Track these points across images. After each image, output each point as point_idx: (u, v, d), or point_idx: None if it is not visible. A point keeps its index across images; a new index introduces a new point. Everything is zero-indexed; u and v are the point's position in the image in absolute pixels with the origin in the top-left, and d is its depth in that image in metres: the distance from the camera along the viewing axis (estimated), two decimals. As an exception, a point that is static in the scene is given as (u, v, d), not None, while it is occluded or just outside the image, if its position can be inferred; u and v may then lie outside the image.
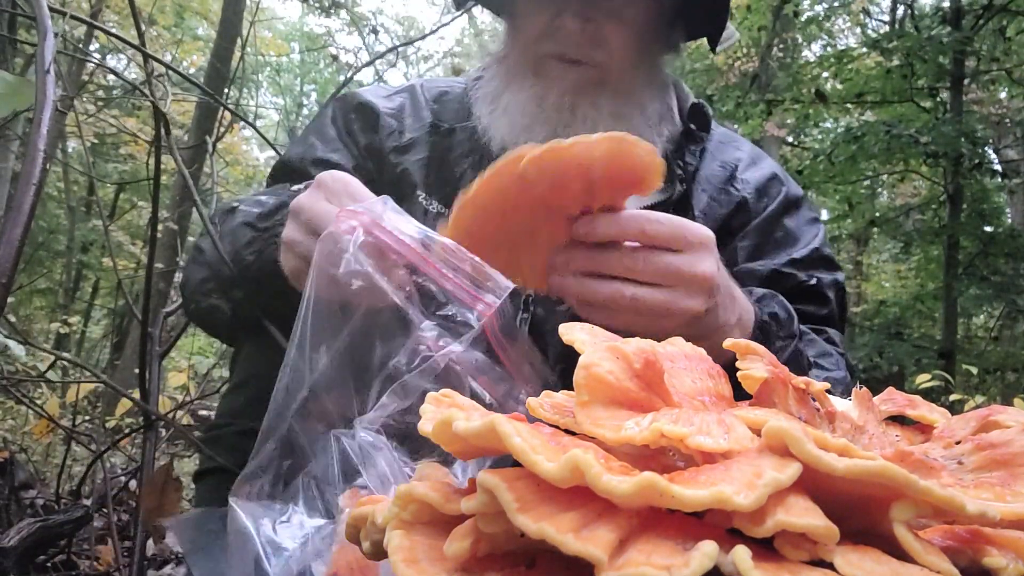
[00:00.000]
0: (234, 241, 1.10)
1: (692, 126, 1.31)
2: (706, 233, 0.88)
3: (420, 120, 1.31)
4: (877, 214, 9.88)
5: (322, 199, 0.92)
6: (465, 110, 1.30)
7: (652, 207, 1.20)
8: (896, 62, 7.63)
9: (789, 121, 10.28)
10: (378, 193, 0.88)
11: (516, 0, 1.25)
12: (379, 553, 0.50)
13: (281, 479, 0.78)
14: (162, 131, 1.41)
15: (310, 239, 0.90)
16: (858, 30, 12.12)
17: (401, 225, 0.79)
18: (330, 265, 0.77)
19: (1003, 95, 9.23)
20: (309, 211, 0.91)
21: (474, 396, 0.76)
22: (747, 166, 1.33)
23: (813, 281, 1.25)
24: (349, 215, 0.79)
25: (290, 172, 1.30)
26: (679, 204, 1.25)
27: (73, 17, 1.41)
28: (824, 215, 12.91)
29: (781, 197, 1.31)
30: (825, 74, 8.50)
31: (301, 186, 1.07)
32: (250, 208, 1.13)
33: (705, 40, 1.34)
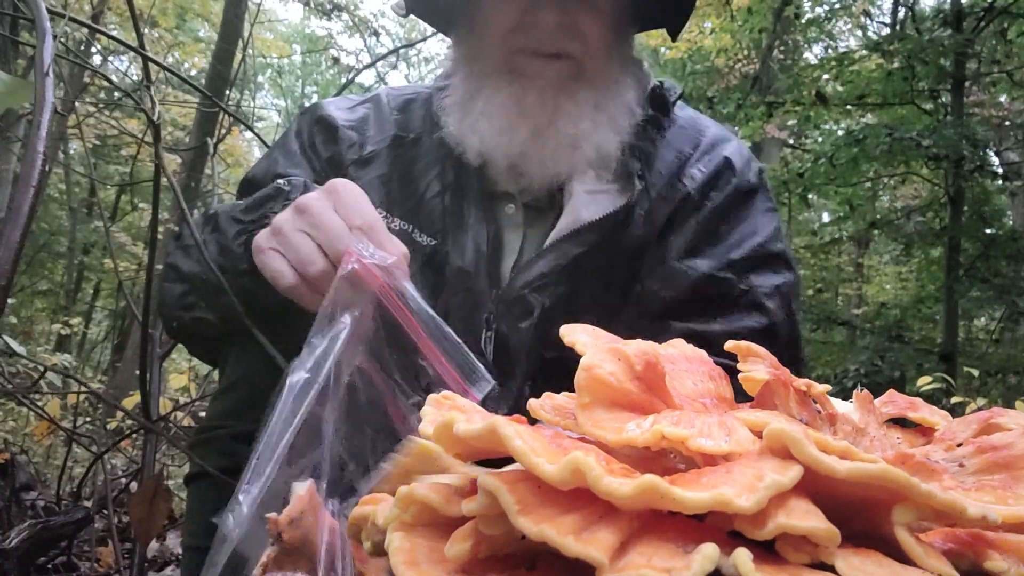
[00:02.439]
0: (221, 238, 1.08)
1: (651, 111, 1.25)
2: None
3: (383, 132, 1.28)
4: (878, 216, 9.88)
5: (331, 208, 0.91)
6: (431, 118, 1.26)
7: (613, 213, 1.16)
8: (897, 64, 7.62)
9: (790, 123, 10.28)
10: None
11: None
12: (380, 554, 0.50)
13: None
14: (145, 128, 1.41)
15: (301, 236, 0.90)
16: (859, 32, 12.13)
17: (409, 298, 0.83)
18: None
19: (1003, 98, 9.23)
20: (317, 216, 0.90)
21: None
22: (702, 154, 1.26)
23: (746, 288, 1.17)
24: (365, 270, 0.82)
25: (255, 188, 1.25)
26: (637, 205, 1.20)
27: (72, 19, 1.41)
28: (825, 217, 12.92)
29: (730, 188, 1.23)
30: (826, 76, 8.50)
31: (283, 182, 1.06)
32: (230, 210, 1.12)
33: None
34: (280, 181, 1.07)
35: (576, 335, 0.58)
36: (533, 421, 0.50)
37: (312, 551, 0.57)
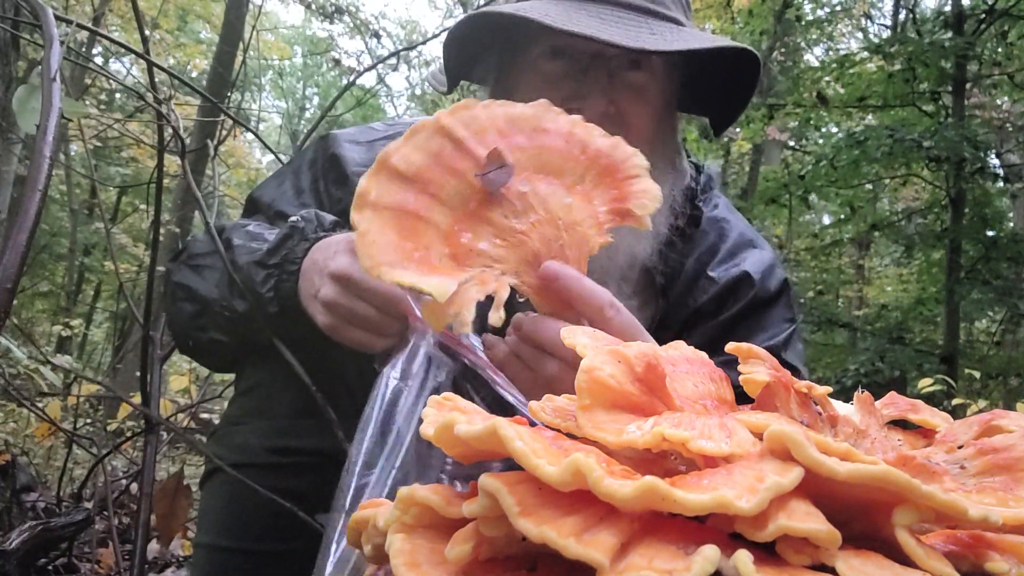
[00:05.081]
0: (246, 280, 1.09)
1: (680, 222, 1.21)
2: None
3: None
4: (879, 218, 9.87)
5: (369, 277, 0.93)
6: None
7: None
8: (898, 66, 7.62)
9: (791, 125, 10.28)
10: None
11: (521, 76, 1.15)
12: (380, 556, 0.50)
13: None
14: (170, 138, 1.41)
15: (358, 303, 0.93)
16: (859, 34, 12.13)
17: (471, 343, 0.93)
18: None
19: (1004, 100, 9.22)
20: (361, 284, 0.92)
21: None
22: (718, 264, 1.23)
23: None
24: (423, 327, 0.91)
25: (260, 210, 1.26)
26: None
27: (79, 26, 1.41)
28: (826, 219, 12.91)
29: (745, 302, 1.20)
30: (827, 78, 8.50)
31: (297, 219, 1.06)
32: (247, 243, 1.11)
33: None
34: (294, 218, 1.07)
35: (576, 337, 0.58)
36: (534, 424, 0.50)
37: None
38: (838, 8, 10.26)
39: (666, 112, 1.19)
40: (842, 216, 9.85)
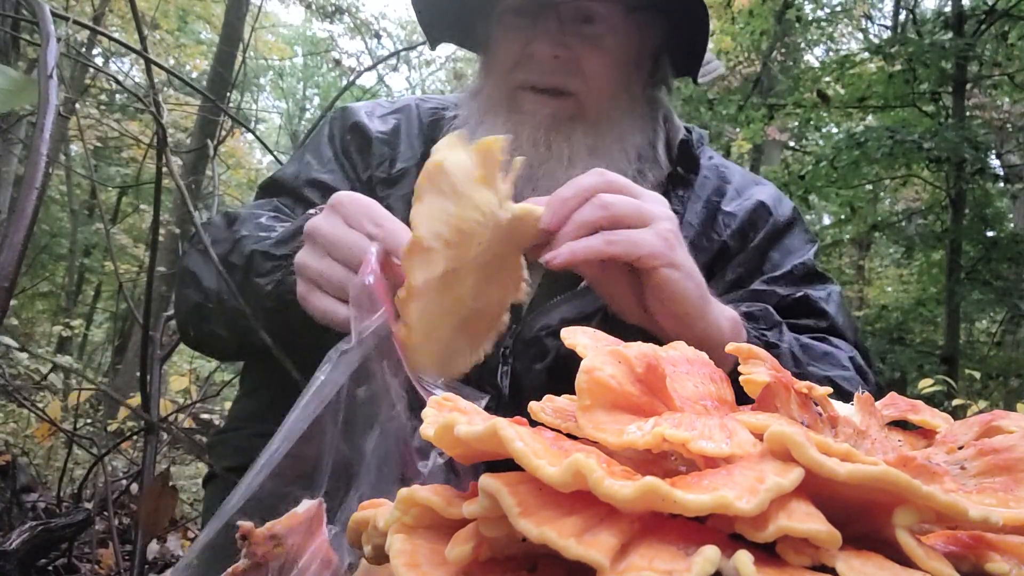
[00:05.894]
0: (249, 270, 1.05)
1: (679, 168, 1.24)
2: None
3: (413, 148, 1.25)
4: (879, 219, 9.88)
5: (341, 223, 0.86)
6: None
7: None
8: (898, 67, 7.63)
9: (791, 125, 10.28)
10: None
11: (490, 31, 1.20)
12: (381, 557, 0.50)
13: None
14: (158, 131, 1.41)
15: (327, 262, 0.86)
16: (860, 35, 12.13)
17: None
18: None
19: (1005, 100, 9.22)
20: (330, 237, 0.86)
21: None
22: (730, 200, 1.25)
23: (800, 294, 1.17)
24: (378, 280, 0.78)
25: (282, 190, 1.26)
26: None
27: (76, 22, 1.41)
28: (826, 219, 12.91)
29: (767, 228, 1.23)
30: (827, 79, 8.50)
31: (314, 211, 1.00)
32: (256, 232, 1.08)
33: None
34: (311, 211, 1.01)
35: (577, 337, 0.58)
36: (535, 424, 0.50)
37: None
38: (838, 8, 10.26)
39: (633, 66, 1.19)
40: (842, 216, 9.86)
